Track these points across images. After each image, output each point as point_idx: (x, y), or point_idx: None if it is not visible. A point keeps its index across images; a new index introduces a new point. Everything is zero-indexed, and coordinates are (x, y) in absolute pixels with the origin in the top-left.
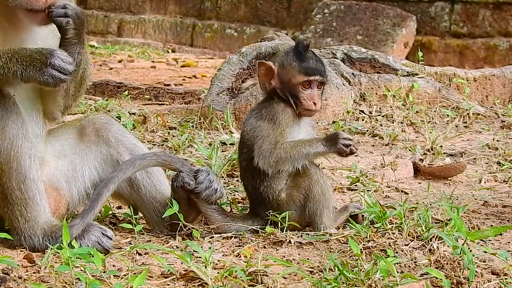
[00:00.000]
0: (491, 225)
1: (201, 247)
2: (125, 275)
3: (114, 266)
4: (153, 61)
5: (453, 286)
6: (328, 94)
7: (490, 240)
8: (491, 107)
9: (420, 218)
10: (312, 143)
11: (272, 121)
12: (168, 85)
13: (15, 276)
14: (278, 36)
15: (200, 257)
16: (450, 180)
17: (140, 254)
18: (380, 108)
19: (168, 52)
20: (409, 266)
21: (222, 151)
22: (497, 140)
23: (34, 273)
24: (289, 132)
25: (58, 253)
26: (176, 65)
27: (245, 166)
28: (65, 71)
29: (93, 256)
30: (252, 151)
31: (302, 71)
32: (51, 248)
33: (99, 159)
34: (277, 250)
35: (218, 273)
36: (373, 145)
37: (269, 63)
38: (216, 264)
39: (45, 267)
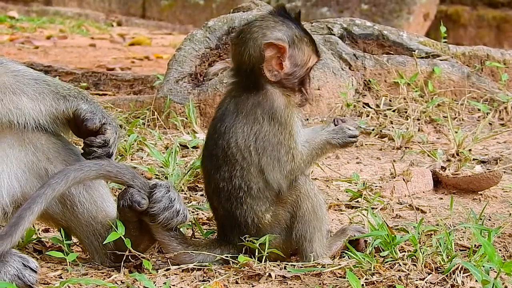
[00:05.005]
0: None
1: (154, 282)
2: None
3: None
4: (92, 38)
5: None
6: (322, 82)
7: None
8: None
9: (441, 245)
10: (323, 146)
11: (274, 121)
12: (112, 69)
13: None
14: (256, 6)
15: None
16: (481, 194)
17: None
18: (390, 100)
19: (113, 25)
20: None
21: (182, 157)
22: None
23: None
24: (298, 131)
25: None
26: (123, 42)
27: (221, 187)
28: None
29: None
30: (236, 167)
31: (315, 50)
32: None
33: (22, 165)
34: (253, 286)
35: None
36: (381, 149)
37: (281, 43)
38: None
39: None
